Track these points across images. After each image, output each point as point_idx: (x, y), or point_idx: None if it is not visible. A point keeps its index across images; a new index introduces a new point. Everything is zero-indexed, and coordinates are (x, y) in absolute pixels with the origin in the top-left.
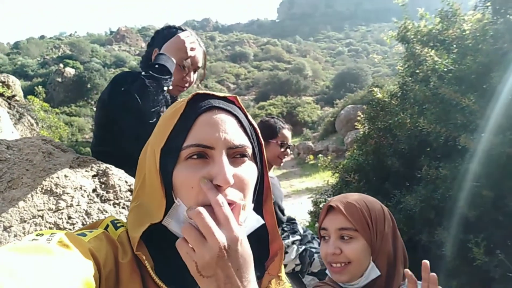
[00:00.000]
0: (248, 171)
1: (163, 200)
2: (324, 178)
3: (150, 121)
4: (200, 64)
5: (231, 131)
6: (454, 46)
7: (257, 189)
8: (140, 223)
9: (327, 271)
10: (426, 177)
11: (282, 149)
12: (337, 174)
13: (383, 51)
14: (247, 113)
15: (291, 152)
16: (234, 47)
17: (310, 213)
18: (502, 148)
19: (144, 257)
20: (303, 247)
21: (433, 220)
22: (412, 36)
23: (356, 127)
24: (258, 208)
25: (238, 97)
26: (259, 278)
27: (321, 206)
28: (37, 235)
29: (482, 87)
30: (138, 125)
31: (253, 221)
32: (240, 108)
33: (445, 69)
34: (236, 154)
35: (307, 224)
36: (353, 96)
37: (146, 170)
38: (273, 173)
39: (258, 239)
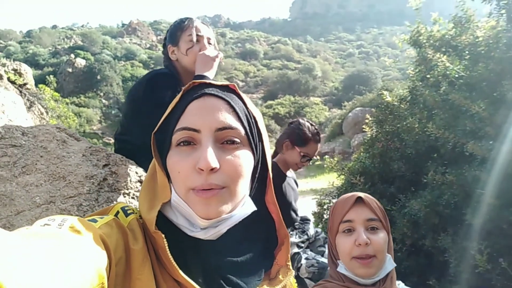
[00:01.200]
0: (240, 157)
1: (165, 180)
2: (329, 180)
3: None
4: (211, 36)
5: (218, 114)
6: (466, 52)
7: (256, 177)
8: (152, 205)
9: (341, 269)
10: (432, 182)
11: (302, 160)
12: (342, 176)
13: (394, 54)
14: (247, 101)
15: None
16: (245, 44)
17: (314, 214)
18: (510, 157)
19: (163, 236)
20: (297, 250)
21: (437, 226)
22: (424, 41)
23: (363, 129)
24: (261, 197)
25: (236, 86)
26: (268, 269)
27: (325, 207)
28: (48, 219)
29: (493, 95)
30: None
31: (246, 208)
32: (239, 95)
33: (456, 75)
34: (225, 140)
35: None
36: (361, 98)
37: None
38: (290, 172)
39: (267, 227)
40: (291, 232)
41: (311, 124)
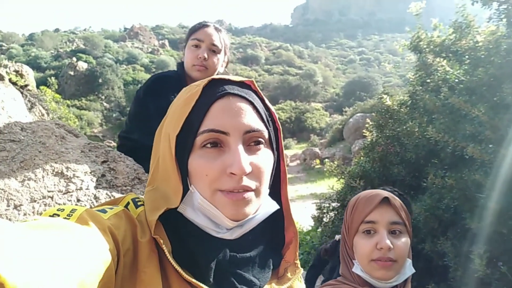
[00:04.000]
0: (264, 158)
1: (180, 186)
2: (329, 184)
3: None
4: (216, 43)
5: (245, 116)
6: (466, 57)
7: (273, 174)
8: (156, 207)
9: (356, 269)
10: (432, 186)
11: None
12: (342, 180)
13: (395, 61)
14: (264, 97)
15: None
16: (246, 50)
17: (314, 217)
18: (510, 161)
19: (162, 241)
20: None
21: (437, 230)
22: (424, 46)
23: (364, 134)
24: (276, 192)
25: (254, 81)
26: (276, 267)
27: (325, 211)
28: (58, 210)
29: (493, 99)
30: None
31: (268, 206)
32: (256, 92)
33: (456, 80)
34: (251, 141)
35: (310, 228)
36: (362, 104)
37: (160, 154)
38: None
39: (274, 225)
40: None
41: None
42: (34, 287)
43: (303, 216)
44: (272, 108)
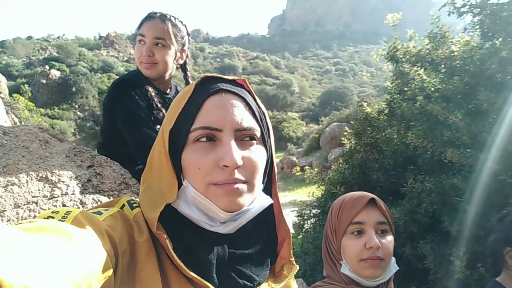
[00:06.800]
0: (256, 153)
1: (174, 180)
2: (308, 192)
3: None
4: (160, 35)
5: (239, 113)
6: (442, 66)
7: (266, 172)
8: (154, 204)
9: (344, 270)
10: (411, 190)
11: None
12: (322, 187)
13: (369, 72)
14: (256, 96)
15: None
16: (223, 59)
17: (294, 224)
18: (487, 165)
19: (165, 236)
20: None
21: (416, 234)
22: (401, 56)
23: (342, 142)
24: (267, 191)
25: (246, 80)
26: (272, 264)
27: (305, 217)
28: (52, 212)
29: (468, 107)
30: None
31: (263, 201)
32: (249, 91)
33: (433, 88)
34: (244, 137)
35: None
36: (338, 114)
37: (155, 151)
38: None
39: (267, 224)
40: None
41: None
42: None
43: None
44: (263, 107)
